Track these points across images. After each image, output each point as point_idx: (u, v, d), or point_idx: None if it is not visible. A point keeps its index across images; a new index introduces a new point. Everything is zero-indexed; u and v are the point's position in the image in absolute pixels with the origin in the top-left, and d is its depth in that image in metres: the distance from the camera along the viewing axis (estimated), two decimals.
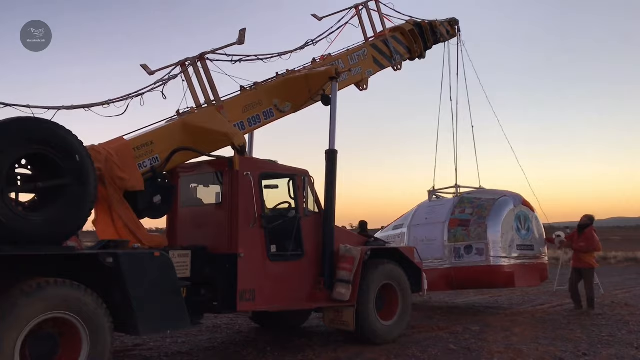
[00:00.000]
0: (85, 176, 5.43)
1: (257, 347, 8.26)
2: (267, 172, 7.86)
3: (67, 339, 5.24)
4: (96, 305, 5.30)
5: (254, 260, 7.43)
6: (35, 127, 5.21)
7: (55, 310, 5.04)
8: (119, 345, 8.23)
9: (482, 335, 9.15)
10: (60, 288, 5.07)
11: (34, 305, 4.89)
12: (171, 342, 8.71)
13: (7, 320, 4.72)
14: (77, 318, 5.17)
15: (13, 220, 4.96)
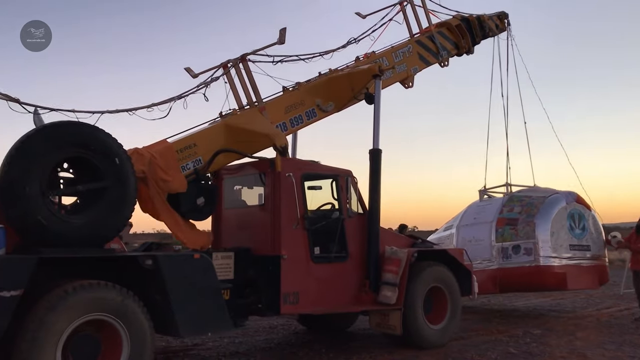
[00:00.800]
0: (125, 179, 5.46)
1: (313, 349, 8.24)
2: (309, 172, 7.75)
3: (108, 340, 5.28)
4: (136, 307, 5.31)
5: (297, 262, 7.34)
6: (75, 131, 5.27)
7: (95, 312, 5.08)
8: (179, 344, 8.41)
9: (544, 339, 8.81)
10: (100, 290, 5.11)
11: (75, 308, 4.94)
12: (229, 342, 8.80)
13: (49, 322, 4.78)
14: (117, 320, 5.19)
15: (54, 223, 5.03)
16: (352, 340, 8.84)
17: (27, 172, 4.91)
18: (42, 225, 4.95)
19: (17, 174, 4.89)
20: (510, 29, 12.53)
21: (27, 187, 4.89)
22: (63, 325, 4.88)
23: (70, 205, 5.49)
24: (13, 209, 4.89)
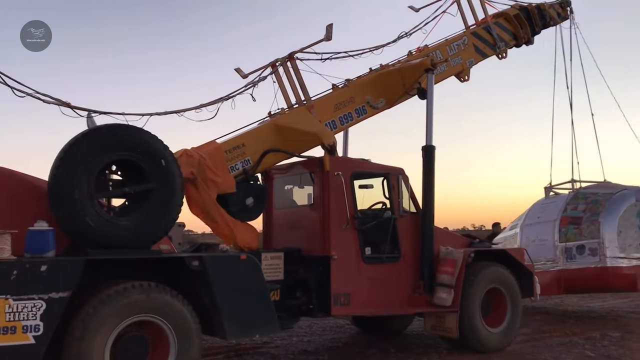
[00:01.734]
0: (171, 180, 5.47)
1: (381, 348, 8.17)
2: (359, 171, 7.59)
3: (156, 341, 5.29)
4: (183, 308, 5.31)
5: (347, 262, 7.20)
6: (121, 134, 5.32)
7: (142, 313, 5.10)
8: (249, 342, 8.52)
9: (624, 342, 8.37)
10: (147, 291, 5.13)
11: (122, 309, 4.97)
12: (297, 340, 8.88)
13: (97, 324, 4.83)
14: (164, 321, 5.20)
15: (102, 225, 5.09)
16: (424, 339, 8.70)
17: (74, 175, 4.99)
18: (89, 227, 5.02)
19: (66, 177, 4.97)
20: (574, 16, 11.90)
21: (75, 190, 4.96)
22: (111, 327, 4.93)
23: (119, 207, 5.55)
24: (62, 211, 4.97)
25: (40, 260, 4.69)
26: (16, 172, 5.36)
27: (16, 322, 4.52)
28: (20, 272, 4.56)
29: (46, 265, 4.67)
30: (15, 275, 4.54)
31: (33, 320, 4.58)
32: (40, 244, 4.88)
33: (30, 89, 5.78)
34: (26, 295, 4.56)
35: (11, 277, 4.52)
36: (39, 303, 4.60)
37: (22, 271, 4.57)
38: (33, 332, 4.57)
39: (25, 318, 4.55)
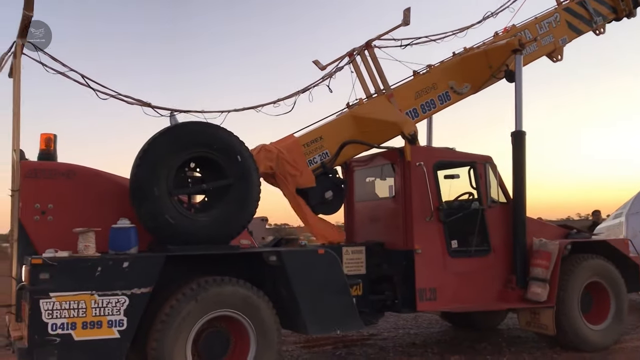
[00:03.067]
0: (248, 176, 5.44)
1: (492, 342, 8.02)
2: (443, 161, 7.26)
3: (236, 337, 5.31)
4: (262, 303, 5.28)
5: (432, 256, 6.93)
6: (197, 131, 5.35)
7: (222, 308, 5.12)
8: (356, 335, 8.56)
9: None
10: (226, 287, 5.14)
11: (202, 304, 5.01)
12: (404, 333, 8.85)
13: (177, 319, 4.90)
14: (243, 316, 5.19)
15: (181, 221, 5.14)
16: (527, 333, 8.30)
17: (154, 173, 5.07)
18: (169, 223, 5.09)
19: (145, 175, 5.07)
20: None
21: (154, 187, 5.04)
22: (191, 322, 4.98)
23: (199, 204, 5.60)
24: (142, 209, 5.08)
25: (123, 257, 4.81)
26: (102, 172, 5.53)
27: (102, 317, 4.66)
28: (104, 269, 4.70)
29: (128, 262, 4.78)
30: (99, 271, 4.68)
31: (117, 316, 4.70)
32: (123, 241, 5.00)
33: (113, 91, 5.95)
34: (110, 291, 4.69)
35: (96, 273, 4.66)
36: (122, 298, 4.72)
37: (105, 268, 4.70)
38: (117, 327, 4.70)
39: (110, 313, 4.68)
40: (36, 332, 4.46)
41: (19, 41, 5.27)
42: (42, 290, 4.50)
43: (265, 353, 5.26)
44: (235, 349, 5.31)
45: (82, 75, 5.80)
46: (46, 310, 4.49)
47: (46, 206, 5.17)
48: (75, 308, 4.58)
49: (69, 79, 5.75)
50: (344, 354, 7.55)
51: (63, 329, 4.54)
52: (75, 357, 4.63)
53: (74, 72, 5.75)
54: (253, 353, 5.24)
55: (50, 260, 4.56)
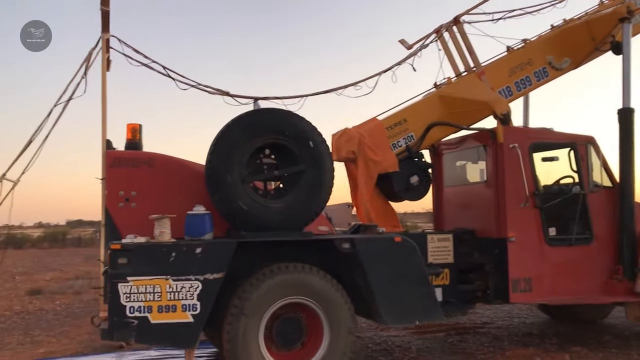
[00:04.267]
0: (321, 162, 5.32)
1: (615, 334, 7.51)
2: (539, 142, 6.71)
3: (310, 324, 5.24)
4: (335, 291, 5.17)
5: (528, 245, 6.46)
6: (269, 118, 5.30)
7: (294, 295, 5.07)
8: (468, 322, 8.48)
9: None
10: (298, 273, 5.08)
11: (273, 290, 5.00)
12: (519, 322, 8.59)
13: (249, 305, 4.91)
14: (316, 304, 5.11)
15: (254, 208, 5.13)
16: None
17: (227, 160, 5.10)
18: (242, 210, 5.10)
19: (219, 162, 5.10)
20: None
21: (227, 174, 5.07)
22: (263, 308, 4.98)
23: (273, 190, 5.58)
24: (216, 196, 5.13)
25: (196, 243, 4.89)
26: (181, 160, 5.66)
27: (176, 301, 4.77)
28: (178, 254, 4.80)
29: (201, 248, 4.85)
30: (173, 257, 4.79)
31: (191, 300, 4.80)
32: (198, 227, 5.08)
33: (193, 81, 6.07)
34: (184, 276, 4.79)
35: (170, 259, 4.78)
36: (195, 283, 4.81)
37: (179, 253, 4.81)
38: (191, 311, 4.79)
39: (184, 297, 4.78)
40: (115, 314, 4.66)
41: (104, 36, 5.50)
42: (120, 274, 4.69)
43: (339, 341, 5.15)
44: (309, 336, 5.26)
45: (164, 66, 5.98)
46: (124, 293, 4.68)
47: (129, 193, 5.37)
48: (151, 292, 4.73)
49: (152, 70, 5.95)
50: (456, 342, 7.36)
51: (140, 312, 4.70)
52: (151, 339, 4.81)
53: (156, 63, 5.94)
54: (327, 341, 5.15)
55: (128, 246, 4.74)
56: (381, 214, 6.52)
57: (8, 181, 5.26)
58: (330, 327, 5.15)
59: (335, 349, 5.16)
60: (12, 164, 5.27)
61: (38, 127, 5.33)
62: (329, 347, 5.15)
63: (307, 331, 5.25)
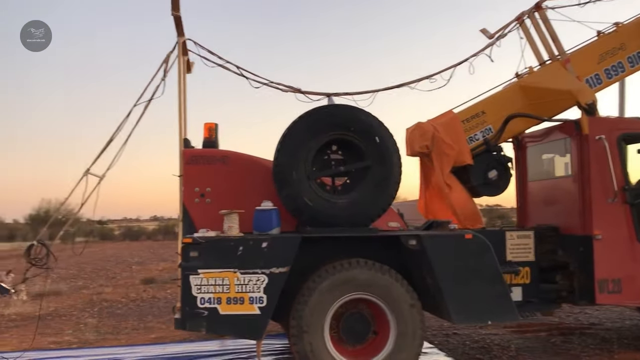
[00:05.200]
0: (387, 157, 5.28)
1: None
2: (630, 133, 6.24)
3: (376, 321, 5.24)
4: (402, 288, 5.12)
5: (616, 243, 6.07)
6: (333, 114, 5.32)
7: (358, 291, 5.09)
8: (574, 322, 8.32)
9: None
10: (362, 269, 5.09)
11: (338, 286, 5.04)
12: (631, 324, 8.21)
13: (314, 300, 4.99)
14: (381, 300, 5.10)
15: (320, 204, 5.20)
16: None
17: (293, 157, 5.19)
18: (308, 206, 5.18)
19: (285, 159, 5.21)
20: None
21: (293, 171, 5.18)
22: (328, 303, 5.04)
23: (340, 186, 5.61)
24: (283, 192, 5.24)
25: (262, 238, 5.04)
26: (253, 157, 5.83)
27: (244, 294, 4.95)
28: (245, 248, 4.97)
29: (266, 242, 4.99)
30: (241, 251, 4.97)
31: (257, 293, 4.96)
32: (265, 222, 5.23)
33: (265, 79, 6.23)
34: (251, 270, 4.96)
35: (238, 252, 4.96)
36: (262, 277, 4.96)
37: (246, 247, 4.98)
38: (258, 304, 4.95)
39: (251, 290, 4.95)
40: (188, 304, 4.92)
41: (180, 39, 5.79)
42: (191, 267, 4.94)
43: (405, 338, 5.11)
44: (375, 333, 5.26)
45: (237, 66, 6.19)
46: (195, 285, 4.92)
47: (204, 189, 5.62)
48: (220, 284, 4.94)
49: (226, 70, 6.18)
50: (559, 342, 7.13)
51: (210, 303, 4.93)
52: (220, 330, 5.02)
53: (230, 63, 6.16)
54: (393, 338, 5.12)
55: (198, 240, 4.98)
56: (461, 209, 6.32)
57: (93, 176, 5.67)
58: (396, 325, 5.11)
59: (401, 348, 5.12)
60: (95, 160, 5.68)
61: (118, 126, 5.70)
62: (395, 345, 5.12)
63: (372, 328, 5.26)
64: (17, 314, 9.66)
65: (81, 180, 5.62)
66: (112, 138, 5.68)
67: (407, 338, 5.12)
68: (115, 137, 5.67)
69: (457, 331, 7.77)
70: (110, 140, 5.68)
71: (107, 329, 8.43)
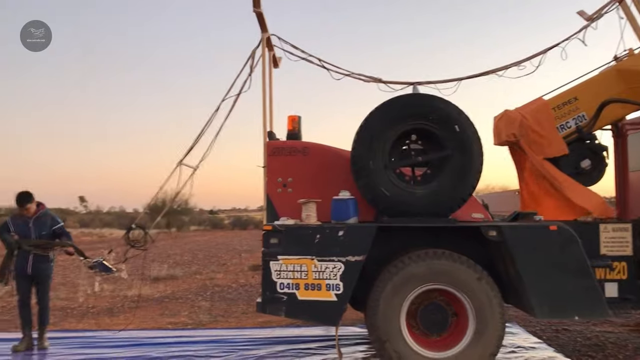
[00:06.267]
0: (468, 147, 5.17)
1: None
2: None
3: (456, 311, 5.18)
4: (480, 279, 5.01)
5: None
6: (411, 103, 5.28)
7: (435, 282, 5.05)
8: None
9: None
10: (439, 260, 5.05)
11: (416, 276, 5.04)
12: None
13: (389, 289, 5.03)
14: (459, 291, 5.03)
15: (397, 194, 5.21)
16: None
17: (369, 148, 5.24)
18: (385, 195, 5.21)
19: (362, 149, 5.27)
20: None
21: (370, 161, 5.23)
22: (404, 293, 5.05)
23: (420, 176, 5.58)
24: (360, 181, 5.31)
25: (339, 226, 5.14)
26: (332, 148, 5.94)
27: (321, 281, 5.09)
28: (322, 237, 5.11)
29: (343, 231, 5.10)
30: (318, 239, 5.11)
31: (334, 280, 5.08)
32: (342, 211, 5.33)
33: (346, 71, 6.31)
34: (327, 257, 5.09)
35: (315, 240, 5.11)
36: (338, 265, 5.07)
37: (323, 236, 5.11)
38: (335, 291, 5.07)
39: (328, 277, 5.08)
40: (268, 289, 5.14)
41: (264, 35, 6.01)
42: (271, 253, 5.15)
43: (485, 331, 5.00)
44: (452, 324, 5.21)
45: (319, 59, 6.32)
46: (275, 270, 5.13)
47: (286, 180, 5.82)
48: (299, 270, 5.12)
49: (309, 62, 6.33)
50: None
51: (289, 289, 5.12)
52: (298, 314, 5.19)
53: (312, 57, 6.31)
54: (471, 330, 5.04)
55: (278, 227, 5.18)
56: (578, 198, 6.03)
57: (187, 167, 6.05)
58: (475, 316, 5.03)
59: (480, 341, 5.02)
60: (188, 152, 6.06)
61: (208, 119, 6.04)
62: (473, 338, 5.03)
63: (450, 319, 5.20)
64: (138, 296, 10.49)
65: (174, 170, 6.02)
66: (202, 131, 6.02)
67: (486, 332, 5.01)
68: (205, 130, 6.01)
69: (568, 327, 7.44)
70: (201, 132, 6.03)
71: (218, 312, 8.91)
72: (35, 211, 6.66)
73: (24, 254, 6.49)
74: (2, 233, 6.59)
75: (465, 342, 5.08)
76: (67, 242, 6.65)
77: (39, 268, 6.57)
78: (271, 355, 6.07)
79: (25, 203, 6.59)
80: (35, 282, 6.64)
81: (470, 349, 5.04)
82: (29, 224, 6.60)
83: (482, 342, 5.03)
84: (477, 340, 5.04)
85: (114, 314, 8.81)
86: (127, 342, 6.74)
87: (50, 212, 6.85)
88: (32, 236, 6.53)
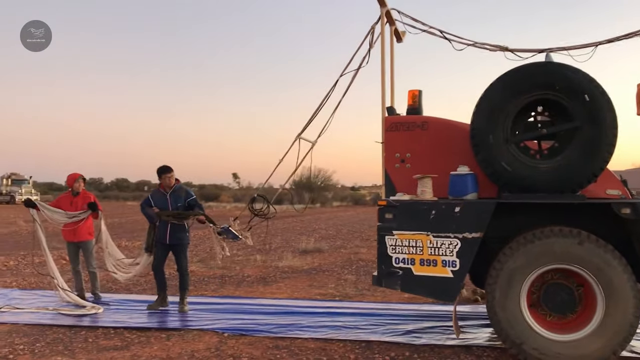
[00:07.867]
0: (599, 118, 4.75)
1: None
2: None
3: (583, 294, 4.86)
4: (611, 260, 4.62)
5: None
6: (534, 73, 4.95)
7: (560, 261, 4.74)
8: None
9: None
10: (564, 239, 4.72)
11: (538, 255, 4.78)
12: None
13: (509, 267, 4.82)
14: (588, 273, 4.68)
15: (519, 168, 4.95)
16: None
17: (489, 121, 5.02)
18: (506, 170, 4.98)
19: (481, 122, 5.07)
20: None
21: (490, 134, 5.02)
22: (526, 272, 4.81)
23: (546, 150, 5.24)
24: (480, 156, 5.11)
25: (455, 202, 5.02)
26: (452, 122, 5.76)
27: (436, 257, 5.04)
28: (438, 212, 5.04)
29: (459, 207, 4.98)
30: (433, 214, 5.05)
31: (450, 257, 5.00)
32: (460, 187, 5.19)
33: (469, 41, 6.07)
34: (443, 233, 5.01)
35: (430, 216, 5.05)
36: (454, 241, 4.98)
37: (439, 211, 5.04)
38: (451, 267, 5.00)
39: (444, 254, 5.01)
40: (383, 263, 5.19)
41: (382, 10, 5.96)
42: (387, 228, 5.18)
43: (616, 315, 4.62)
44: (579, 307, 4.88)
45: (441, 30, 6.14)
46: (390, 245, 5.17)
47: (405, 155, 5.78)
48: (414, 246, 5.10)
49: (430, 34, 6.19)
50: None
51: (404, 263, 5.13)
52: (414, 289, 5.18)
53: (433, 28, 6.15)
54: (600, 314, 4.67)
55: (393, 202, 5.18)
56: None
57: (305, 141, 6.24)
58: (604, 299, 4.66)
59: (609, 325, 4.66)
60: (306, 127, 6.23)
61: (326, 95, 6.15)
62: (602, 322, 4.67)
63: (577, 301, 4.88)
64: (288, 267, 11.08)
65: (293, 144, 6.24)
66: (320, 106, 6.15)
67: (616, 317, 4.64)
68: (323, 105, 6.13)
69: None
70: (318, 108, 6.17)
71: (364, 286, 9.10)
72: (173, 184, 7.31)
73: (164, 225, 7.15)
74: (144, 208, 7.32)
75: (591, 328, 4.73)
76: (199, 212, 7.20)
77: (176, 237, 7.19)
78: (419, 330, 6.02)
79: (168, 172, 7.25)
80: (173, 250, 7.29)
81: (596, 334, 4.69)
82: (166, 196, 7.25)
83: (610, 329, 4.66)
84: (604, 327, 4.67)
85: (267, 282, 9.37)
86: (280, 310, 7.10)
87: (184, 186, 7.45)
88: (169, 208, 7.16)
